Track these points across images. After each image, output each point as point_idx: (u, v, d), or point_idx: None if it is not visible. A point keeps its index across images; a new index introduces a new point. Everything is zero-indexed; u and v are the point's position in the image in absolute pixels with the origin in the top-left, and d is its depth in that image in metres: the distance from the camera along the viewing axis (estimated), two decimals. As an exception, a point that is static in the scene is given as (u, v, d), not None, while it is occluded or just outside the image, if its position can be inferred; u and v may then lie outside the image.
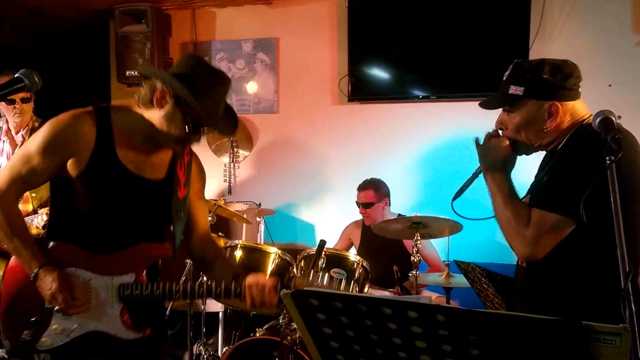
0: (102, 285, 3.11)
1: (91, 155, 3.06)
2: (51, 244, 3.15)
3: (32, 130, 5.63)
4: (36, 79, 2.51)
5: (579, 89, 2.98)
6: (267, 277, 3.17)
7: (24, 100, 5.51)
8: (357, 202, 6.50)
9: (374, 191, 6.45)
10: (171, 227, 3.26)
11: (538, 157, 3.18)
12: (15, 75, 2.50)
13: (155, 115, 3.08)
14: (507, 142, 3.06)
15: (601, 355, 1.67)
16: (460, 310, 1.81)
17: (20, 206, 5.36)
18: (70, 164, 3.06)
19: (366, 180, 6.55)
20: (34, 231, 5.34)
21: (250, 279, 3.13)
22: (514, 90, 2.97)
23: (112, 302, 3.11)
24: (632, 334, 1.85)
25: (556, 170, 2.88)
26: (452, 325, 1.79)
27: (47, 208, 5.06)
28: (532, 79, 2.93)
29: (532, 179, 3.16)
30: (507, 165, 3.07)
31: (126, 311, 3.12)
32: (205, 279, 3.77)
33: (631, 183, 2.68)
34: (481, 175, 3.20)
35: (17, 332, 3.04)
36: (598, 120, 2.40)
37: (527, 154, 3.12)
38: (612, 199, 2.14)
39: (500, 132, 3.13)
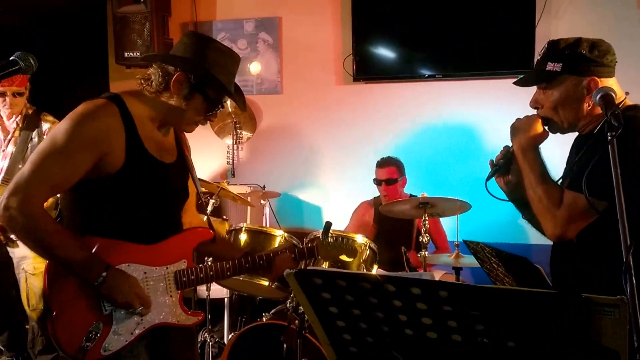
0: (157, 276, 3.11)
1: (126, 149, 2.97)
2: (97, 242, 3.01)
3: (26, 117, 5.61)
4: (32, 61, 2.39)
5: (615, 68, 2.97)
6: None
7: (15, 95, 5.49)
8: (376, 179, 6.35)
9: (395, 168, 6.36)
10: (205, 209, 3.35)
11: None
12: (10, 58, 2.37)
13: (170, 100, 3.06)
14: (540, 121, 3.05)
15: (601, 326, 1.73)
16: (461, 285, 1.89)
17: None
18: (105, 160, 2.93)
19: (385, 157, 6.46)
20: None
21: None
22: (552, 66, 2.95)
23: (170, 291, 3.13)
24: (632, 306, 1.92)
25: (592, 154, 2.81)
26: (455, 301, 1.82)
27: None
28: (570, 54, 2.93)
29: (563, 161, 3.20)
30: (539, 143, 3.06)
31: (181, 297, 3.15)
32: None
33: None
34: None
35: (75, 342, 2.97)
36: (598, 96, 2.45)
37: (562, 133, 3.11)
38: (613, 174, 2.17)
39: (535, 111, 3.12)
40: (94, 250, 2.97)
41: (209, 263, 3.23)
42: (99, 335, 2.96)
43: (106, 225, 3.04)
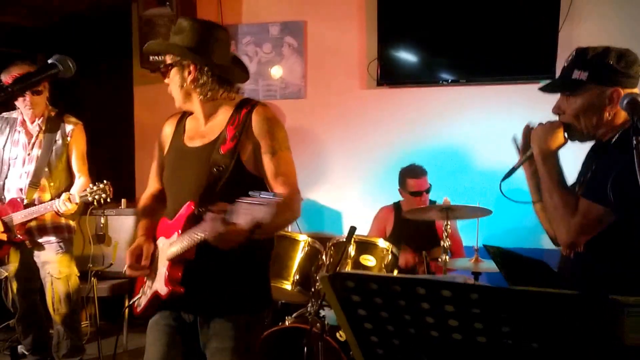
0: (163, 247, 3.33)
1: (170, 142, 3.51)
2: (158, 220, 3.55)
3: (49, 120, 5.67)
4: (70, 64, 2.45)
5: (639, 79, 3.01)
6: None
7: (34, 93, 5.53)
8: (417, 191, 6.28)
9: (427, 175, 6.35)
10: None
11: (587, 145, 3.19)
12: (49, 61, 2.42)
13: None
14: (562, 128, 3.07)
15: (627, 326, 1.75)
16: (493, 288, 1.84)
17: (37, 195, 5.43)
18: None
19: (414, 166, 6.41)
20: (48, 217, 5.67)
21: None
22: (578, 75, 2.98)
23: (163, 261, 3.25)
24: None
25: (608, 163, 2.89)
26: (484, 304, 1.83)
27: (67, 193, 5.35)
28: (597, 64, 2.95)
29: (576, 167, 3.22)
30: (559, 150, 3.09)
31: (170, 268, 3.19)
32: None
33: None
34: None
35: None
36: (625, 102, 2.48)
37: (581, 141, 3.13)
38: (638, 177, 2.20)
39: (557, 117, 3.15)
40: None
41: None
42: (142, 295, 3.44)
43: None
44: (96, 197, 5.23)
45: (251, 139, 3.26)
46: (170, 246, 3.19)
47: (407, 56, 7.16)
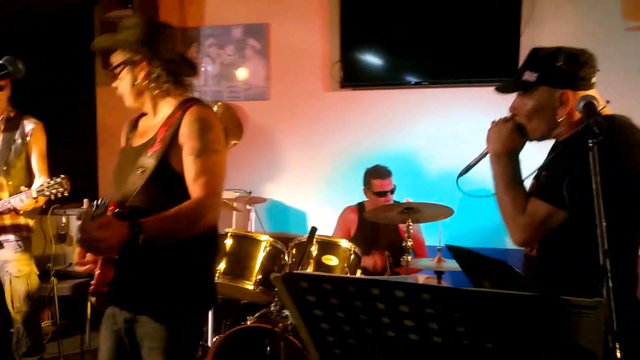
0: None
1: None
2: None
3: (8, 120, 5.63)
4: (20, 66, 2.45)
5: (593, 80, 2.97)
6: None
7: None
8: (382, 191, 6.30)
9: (391, 177, 6.37)
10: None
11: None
12: (-1, 62, 2.42)
13: None
14: (514, 128, 3.07)
15: (579, 328, 1.78)
16: (444, 288, 1.91)
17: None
18: None
19: (379, 167, 6.41)
20: (7, 216, 5.60)
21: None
22: (528, 76, 2.98)
23: None
24: (608, 307, 1.97)
25: (557, 162, 2.93)
26: (437, 304, 1.85)
27: (24, 188, 5.38)
28: (546, 65, 2.94)
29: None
30: (512, 150, 3.09)
31: (100, 267, 3.12)
32: None
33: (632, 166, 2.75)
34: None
35: None
36: (581, 105, 2.50)
37: (537, 140, 3.13)
38: (592, 180, 2.20)
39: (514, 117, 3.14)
40: None
41: None
42: None
43: None
44: (53, 191, 5.18)
45: (183, 144, 3.16)
46: None
47: (370, 58, 7.18)
